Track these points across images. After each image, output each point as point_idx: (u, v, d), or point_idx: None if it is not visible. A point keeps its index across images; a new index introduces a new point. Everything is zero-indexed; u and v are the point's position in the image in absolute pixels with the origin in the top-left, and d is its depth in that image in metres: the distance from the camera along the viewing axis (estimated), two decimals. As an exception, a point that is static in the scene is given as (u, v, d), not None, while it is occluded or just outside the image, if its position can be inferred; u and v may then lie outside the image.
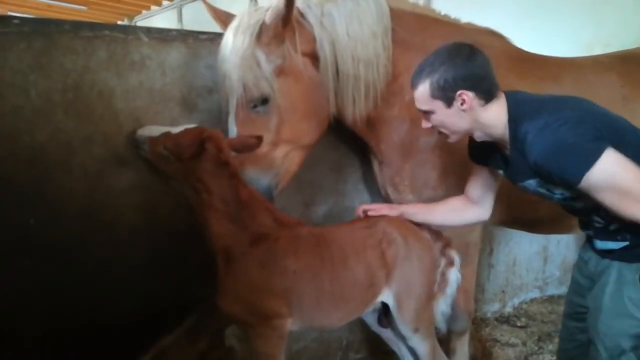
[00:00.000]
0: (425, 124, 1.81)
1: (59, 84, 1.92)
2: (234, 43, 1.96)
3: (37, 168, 1.91)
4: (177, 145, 1.76)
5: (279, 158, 2.08)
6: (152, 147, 1.84)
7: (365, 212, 2.10)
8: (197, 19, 13.48)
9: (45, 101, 1.90)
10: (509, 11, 4.95)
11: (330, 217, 2.69)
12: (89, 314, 2.03)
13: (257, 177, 2.04)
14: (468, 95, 1.63)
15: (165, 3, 14.40)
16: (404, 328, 1.96)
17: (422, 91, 1.69)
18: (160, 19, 14.99)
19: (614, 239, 1.66)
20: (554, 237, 3.89)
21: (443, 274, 2.00)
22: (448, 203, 2.07)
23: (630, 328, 1.62)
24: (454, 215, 2.05)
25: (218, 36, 2.25)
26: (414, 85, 1.74)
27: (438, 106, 1.69)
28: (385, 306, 1.98)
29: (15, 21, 1.79)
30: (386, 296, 1.94)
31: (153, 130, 1.89)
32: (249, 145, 1.91)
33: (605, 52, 4.24)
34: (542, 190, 1.73)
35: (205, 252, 2.11)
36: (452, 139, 1.80)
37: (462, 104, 1.65)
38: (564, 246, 4.05)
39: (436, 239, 2.03)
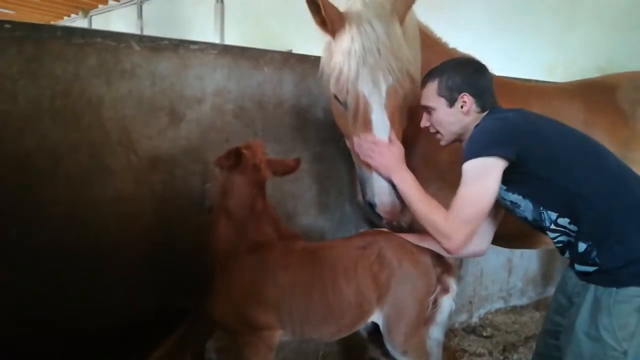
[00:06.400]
0: (424, 123, 1.94)
1: (48, 91, 1.87)
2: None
3: (22, 176, 1.85)
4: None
5: None
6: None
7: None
8: (159, 17, 13.25)
9: (33, 108, 1.84)
10: (479, 32, 5.17)
11: (313, 229, 2.72)
12: (72, 325, 1.98)
13: None
14: (470, 99, 1.81)
15: (124, -2, 14.00)
16: (393, 350, 1.96)
17: (430, 88, 1.87)
18: (119, 15, 14.61)
19: (586, 262, 1.70)
20: (518, 250, 4.05)
21: (435, 301, 1.96)
22: None
23: (601, 352, 1.63)
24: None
25: (209, 46, 2.26)
26: (423, 83, 1.91)
27: (440, 104, 1.85)
28: (376, 325, 1.99)
29: (7, 26, 1.73)
30: (377, 317, 1.94)
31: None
32: (289, 167, 2.00)
33: (565, 74, 4.51)
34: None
35: (190, 263, 2.11)
36: (444, 140, 1.94)
37: (462, 107, 1.82)
38: (526, 258, 4.23)
39: (437, 264, 1.99)
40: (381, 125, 1.91)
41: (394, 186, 1.91)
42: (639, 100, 2.59)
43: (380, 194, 1.94)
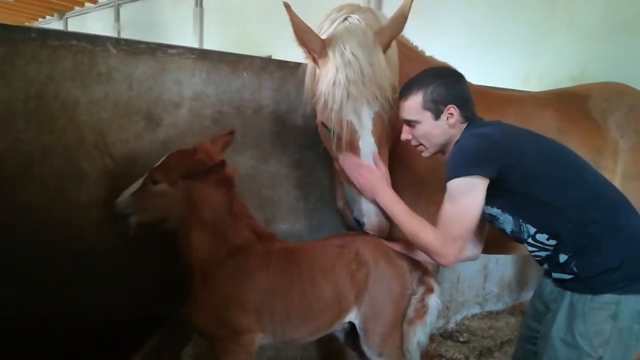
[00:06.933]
0: (405, 136, 1.89)
1: (21, 93, 1.83)
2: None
3: (-7, 180, 1.81)
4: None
5: None
6: (140, 194, 1.85)
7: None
8: (136, 20, 13.12)
9: (5, 110, 1.80)
10: (456, 41, 5.25)
11: (291, 235, 2.71)
12: (45, 329, 1.93)
13: None
14: (456, 111, 1.78)
15: (101, 1, 13.83)
16: (368, 351, 1.97)
17: (414, 101, 1.80)
18: (95, 18, 14.40)
19: (563, 271, 1.73)
20: (494, 256, 4.11)
21: (422, 301, 1.97)
22: None
23: (576, 358, 1.67)
24: None
25: (188, 50, 2.24)
26: (403, 96, 1.83)
27: (426, 117, 1.80)
28: (353, 326, 1.99)
29: (-21, 26, 1.70)
30: (354, 316, 1.95)
31: (128, 191, 1.88)
32: (228, 140, 2.00)
33: (539, 83, 4.60)
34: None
35: (167, 268, 2.08)
36: (427, 152, 1.91)
37: (448, 118, 1.78)
38: (502, 264, 4.28)
39: (414, 268, 2.01)
40: (369, 150, 1.94)
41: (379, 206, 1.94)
42: (609, 110, 2.67)
43: (368, 215, 1.97)
